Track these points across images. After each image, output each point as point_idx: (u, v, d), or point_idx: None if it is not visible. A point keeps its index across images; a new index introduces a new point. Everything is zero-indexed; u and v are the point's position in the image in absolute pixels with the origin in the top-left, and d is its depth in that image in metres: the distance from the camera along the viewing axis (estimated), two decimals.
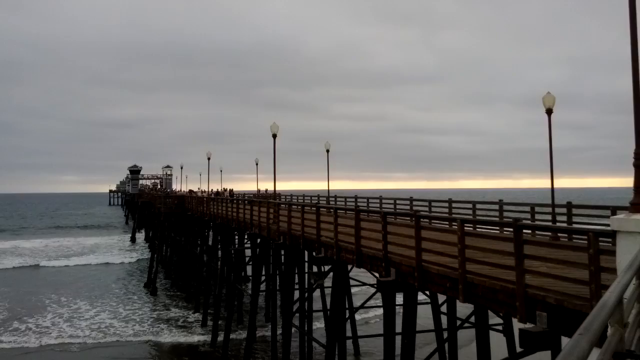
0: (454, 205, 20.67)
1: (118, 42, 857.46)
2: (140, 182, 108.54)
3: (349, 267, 16.68)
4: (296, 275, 21.93)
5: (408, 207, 23.43)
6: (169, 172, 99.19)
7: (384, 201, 26.30)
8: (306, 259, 21.85)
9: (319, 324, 27.31)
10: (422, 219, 11.52)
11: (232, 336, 26.32)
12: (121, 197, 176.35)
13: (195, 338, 28.85)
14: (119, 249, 73.02)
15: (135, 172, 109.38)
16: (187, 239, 42.00)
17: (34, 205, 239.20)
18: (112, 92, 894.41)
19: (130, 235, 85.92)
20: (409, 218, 17.26)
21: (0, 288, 44.44)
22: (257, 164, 54.97)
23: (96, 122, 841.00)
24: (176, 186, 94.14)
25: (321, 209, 16.79)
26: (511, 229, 8.79)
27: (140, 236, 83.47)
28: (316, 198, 34.13)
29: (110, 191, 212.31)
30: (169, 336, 29.19)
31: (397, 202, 24.74)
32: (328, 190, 35.72)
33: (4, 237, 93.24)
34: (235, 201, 28.31)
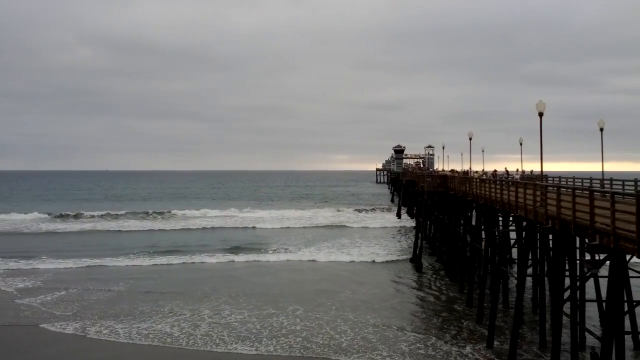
0: None
1: (381, 27, 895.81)
2: (404, 161, 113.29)
3: (628, 256, 15.32)
4: (566, 262, 20.85)
5: None
6: (430, 152, 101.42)
7: None
8: (577, 245, 20.61)
9: (591, 315, 25.49)
10: None
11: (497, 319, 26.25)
12: (386, 175, 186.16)
13: (464, 323, 29.48)
14: (386, 225, 77.60)
15: (399, 151, 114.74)
16: (450, 218, 42.69)
17: (314, 182, 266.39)
18: (376, 75, 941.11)
19: (396, 211, 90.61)
20: None
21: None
22: (521, 144, 52.78)
23: (362, 104, 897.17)
24: (438, 165, 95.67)
25: (595, 193, 15.71)
26: None
27: (405, 214, 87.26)
28: (588, 181, 31.47)
29: (377, 169, 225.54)
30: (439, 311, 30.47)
31: None
32: (602, 172, 32.60)
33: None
34: (498, 182, 27.91)
